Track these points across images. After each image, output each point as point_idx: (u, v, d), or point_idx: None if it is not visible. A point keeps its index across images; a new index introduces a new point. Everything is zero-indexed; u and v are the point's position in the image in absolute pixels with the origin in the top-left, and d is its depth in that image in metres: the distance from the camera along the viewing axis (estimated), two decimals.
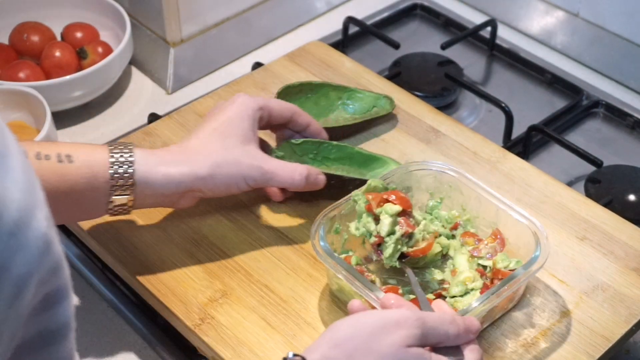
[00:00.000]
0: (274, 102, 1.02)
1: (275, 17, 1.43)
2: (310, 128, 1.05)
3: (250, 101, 0.98)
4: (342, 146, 1.07)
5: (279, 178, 0.95)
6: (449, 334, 0.77)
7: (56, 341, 0.57)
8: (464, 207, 0.99)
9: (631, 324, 0.92)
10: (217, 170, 0.93)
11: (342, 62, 1.26)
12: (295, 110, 1.03)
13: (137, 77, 1.37)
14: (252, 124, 0.97)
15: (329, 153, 1.07)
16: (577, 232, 1.01)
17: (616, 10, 1.32)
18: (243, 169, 0.94)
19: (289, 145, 1.05)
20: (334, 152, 1.07)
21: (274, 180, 0.95)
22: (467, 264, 0.95)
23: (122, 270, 0.99)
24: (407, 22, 1.49)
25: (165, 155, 0.93)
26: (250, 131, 0.96)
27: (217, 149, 0.94)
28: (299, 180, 0.96)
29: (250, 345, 0.90)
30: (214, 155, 0.93)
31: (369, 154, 1.07)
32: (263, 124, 1.01)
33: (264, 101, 1.00)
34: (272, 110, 1.01)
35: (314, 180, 0.98)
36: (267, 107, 1.00)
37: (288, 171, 0.96)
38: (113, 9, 1.33)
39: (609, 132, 1.28)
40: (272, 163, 0.95)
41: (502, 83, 1.36)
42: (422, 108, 1.18)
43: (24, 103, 1.18)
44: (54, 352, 0.57)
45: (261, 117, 0.99)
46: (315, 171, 0.98)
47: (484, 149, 1.12)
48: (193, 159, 0.93)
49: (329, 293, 0.95)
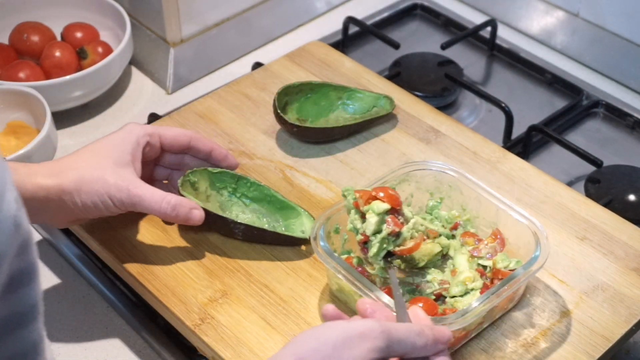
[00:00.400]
0: (167, 129, 1.00)
1: (275, 17, 1.43)
2: (213, 153, 1.02)
3: (137, 128, 0.97)
4: (260, 186, 1.03)
5: (145, 204, 0.93)
6: (416, 345, 0.75)
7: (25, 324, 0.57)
8: (464, 207, 0.99)
9: (631, 324, 0.92)
10: (83, 185, 0.91)
11: (342, 62, 1.26)
12: (193, 136, 1.01)
13: (137, 77, 1.37)
14: (133, 148, 0.95)
15: (248, 191, 1.03)
16: (577, 232, 1.01)
17: (616, 10, 1.32)
18: (109, 188, 0.92)
19: (205, 173, 1.01)
20: (252, 190, 1.03)
21: (141, 205, 0.93)
22: (467, 264, 0.95)
23: (122, 270, 0.99)
24: (407, 22, 1.49)
25: (37, 167, 0.93)
26: (128, 155, 0.95)
27: (87, 166, 0.93)
28: (165, 209, 0.93)
29: (250, 345, 0.90)
30: (82, 171, 0.92)
31: (285, 201, 1.02)
32: (155, 151, 0.99)
33: (153, 129, 0.99)
34: (163, 137, 0.99)
35: (185, 213, 0.94)
36: (156, 133, 0.99)
37: (157, 198, 0.93)
38: (113, 9, 1.33)
39: (609, 132, 1.28)
40: (142, 188, 0.93)
41: (502, 83, 1.36)
42: (422, 108, 1.18)
43: (24, 103, 1.18)
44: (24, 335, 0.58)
45: (149, 143, 0.97)
46: (189, 204, 0.94)
47: (484, 149, 1.12)
48: (62, 173, 0.92)
49: (329, 293, 0.95)
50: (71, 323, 1.01)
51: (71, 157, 0.95)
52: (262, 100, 1.19)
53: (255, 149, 1.12)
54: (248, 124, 1.16)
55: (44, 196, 0.91)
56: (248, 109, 1.18)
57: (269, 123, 1.16)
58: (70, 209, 0.93)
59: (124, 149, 0.95)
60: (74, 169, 0.92)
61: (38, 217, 0.95)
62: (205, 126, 1.15)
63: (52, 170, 0.92)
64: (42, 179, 0.91)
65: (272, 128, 1.15)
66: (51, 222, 0.98)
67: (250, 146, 1.13)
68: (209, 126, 1.15)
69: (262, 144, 1.13)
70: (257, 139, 1.14)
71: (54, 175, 0.92)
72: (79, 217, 0.95)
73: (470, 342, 0.90)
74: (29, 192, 0.90)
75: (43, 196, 0.91)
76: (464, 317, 0.84)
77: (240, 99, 1.19)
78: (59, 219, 0.95)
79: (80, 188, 0.91)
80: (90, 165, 0.93)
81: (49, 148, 1.13)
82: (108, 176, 0.92)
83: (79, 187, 0.91)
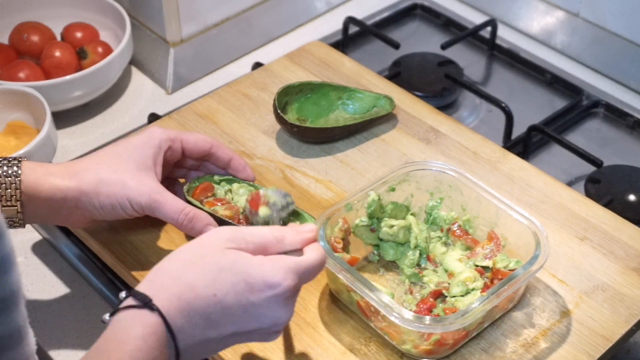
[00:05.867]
0: (190, 135, 1.00)
1: (275, 17, 1.43)
2: (232, 163, 1.02)
3: (160, 132, 0.96)
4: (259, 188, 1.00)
5: (164, 210, 0.92)
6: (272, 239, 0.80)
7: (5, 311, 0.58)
8: (463, 207, 0.99)
9: (631, 324, 0.92)
10: (102, 187, 0.91)
11: (342, 62, 1.26)
12: (214, 143, 1.01)
13: (137, 77, 1.37)
14: (154, 152, 0.94)
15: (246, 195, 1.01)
16: (577, 232, 1.01)
17: (616, 10, 1.32)
18: (129, 191, 0.91)
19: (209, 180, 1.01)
20: None
21: (160, 211, 0.92)
22: (461, 264, 0.95)
23: (122, 270, 0.99)
24: (407, 22, 1.49)
25: (53, 168, 0.92)
26: (150, 159, 0.94)
27: (106, 168, 0.92)
28: (182, 220, 0.92)
29: (250, 345, 0.90)
30: (102, 173, 0.91)
31: None
32: (176, 156, 0.99)
33: (176, 133, 0.98)
34: (185, 142, 0.99)
35: (200, 228, 0.93)
36: (178, 139, 0.98)
37: (176, 207, 0.92)
38: (113, 9, 1.33)
39: (609, 132, 1.28)
40: (162, 195, 0.92)
41: (502, 83, 1.36)
42: (422, 108, 1.18)
43: (24, 103, 1.18)
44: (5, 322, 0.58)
45: (171, 148, 0.97)
46: (206, 220, 0.94)
47: (484, 149, 1.12)
48: (81, 174, 0.91)
49: (329, 293, 0.95)
50: (71, 323, 1.01)
51: (90, 158, 0.94)
52: (262, 100, 1.19)
53: (255, 149, 1.12)
54: (248, 124, 1.16)
55: (61, 197, 0.90)
56: (248, 109, 1.18)
57: (269, 123, 1.16)
58: (88, 210, 0.92)
59: (145, 153, 0.94)
60: (93, 170, 0.92)
61: (53, 217, 0.94)
62: (205, 126, 1.15)
63: (70, 171, 0.92)
64: (60, 180, 0.90)
65: (272, 128, 1.15)
66: (66, 223, 0.97)
67: (250, 146, 1.13)
68: (209, 126, 1.15)
69: (262, 144, 1.13)
70: (257, 139, 1.14)
71: (72, 176, 0.91)
72: (96, 218, 0.94)
73: (470, 342, 0.91)
74: (45, 193, 0.90)
75: (60, 197, 0.90)
76: (464, 317, 0.84)
77: (240, 99, 1.19)
78: (74, 219, 0.94)
79: (100, 190, 0.91)
80: (110, 168, 0.92)
81: (49, 148, 1.13)
82: (129, 179, 0.91)
83: (98, 189, 0.91)
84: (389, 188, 0.98)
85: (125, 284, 1.02)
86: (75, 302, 1.03)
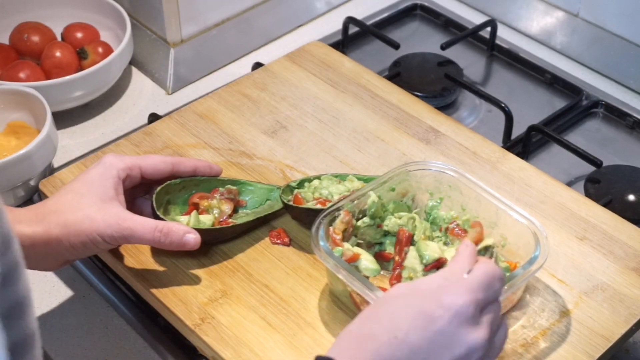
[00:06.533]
0: (147, 159, 0.98)
1: (275, 17, 1.43)
2: (198, 170, 1.01)
3: (116, 161, 0.95)
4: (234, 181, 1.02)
5: (138, 234, 0.90)
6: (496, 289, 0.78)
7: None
8: (463, 207, 0.99)
9: (631, 323, 0.92)
10: (70, 227, 0.89)
11: (342, 62, 1.26)
12: (174, 162, 0.99)
13: (137, 77, 1.37)
14: (114, 182, 0.93)
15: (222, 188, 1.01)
16: (577, 232, 1.01)
17: (616, 11, 1.32)
18: (97, 226, 0.90)
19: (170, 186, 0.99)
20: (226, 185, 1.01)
21: (134, 237, 0.90)
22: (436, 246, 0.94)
23: (122, 270, 0.99)
24: (407, 22, 1.49)
25: (20, 214, 0.90)
26: (111, 189, 0.93)
27: (70, 208, 0.91)
28: (158, 237, 0.91)
29: (250, 345, 0.90)
30: (67, 214, 0.90)
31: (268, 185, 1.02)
32: (135, 182, 0.98)
33: (133, 160, 0.97)
34: (144, 167, 0.97)
35: (179, 239, 0.92)
36: (136, 165, 0.97)
37: (148, 228, 0.90)
38: (113, 9, 1.33)
39: (609, 132, 1.28)
40: (131, 221, 0.91)
41: (502, 83, 1.36)
42: (422, 108, 1.18)
43: (24, 103, 1.18)
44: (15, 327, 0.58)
45: (129, 176, 0.96)
46: (182, 230, 0.92)
47: (484, 149, 1.12)
48: (47, 218, 0.90)
49: (329, 293, 0.95)
50: (71, 323, 1.01)
51: (53, 199, 0.93)
52: (262, 101, 1.19)
53: (255, 149, 1.12)
54: (248, 124, 1.16)
55: (29, 244, 0.88)
56: (248, 109, 1.18)
57: (269, 123, 1.16)
58: (59, 253, 0.91)
59: (105, 184, 0.93)
60: (58, 212, 0.90)
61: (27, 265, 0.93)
62: (205, 126, 1.15)
63: (37, 216, 0.90)
64: (26, 227, 0.89)
65: (272, 128, 1.15)
66: (37, 268, 0.94)
67: (250, 146, 1.13)
68: (209, 126, 1.15)
69: (262, 144, 1.13)
70: (257, 139, 1.14)
71: (39, 221, 0.89)
72: (68, 259, 0.93)
73: None
74: None
75: (29, 244, 0.88)
76: None
77: (240, 99, 1.19)
78: (46, 264, 0.93)
79: (68, 230, 0.89)
80: (73, 207, 0.90)
81: (49, 148, 1.13)
82: (94, 214, 0.90)
83: (66, 230, 0.89)
84: (389, 188, 0.98)
85: (125, 284, 1.02)
86: (75, 302, 1.03)
